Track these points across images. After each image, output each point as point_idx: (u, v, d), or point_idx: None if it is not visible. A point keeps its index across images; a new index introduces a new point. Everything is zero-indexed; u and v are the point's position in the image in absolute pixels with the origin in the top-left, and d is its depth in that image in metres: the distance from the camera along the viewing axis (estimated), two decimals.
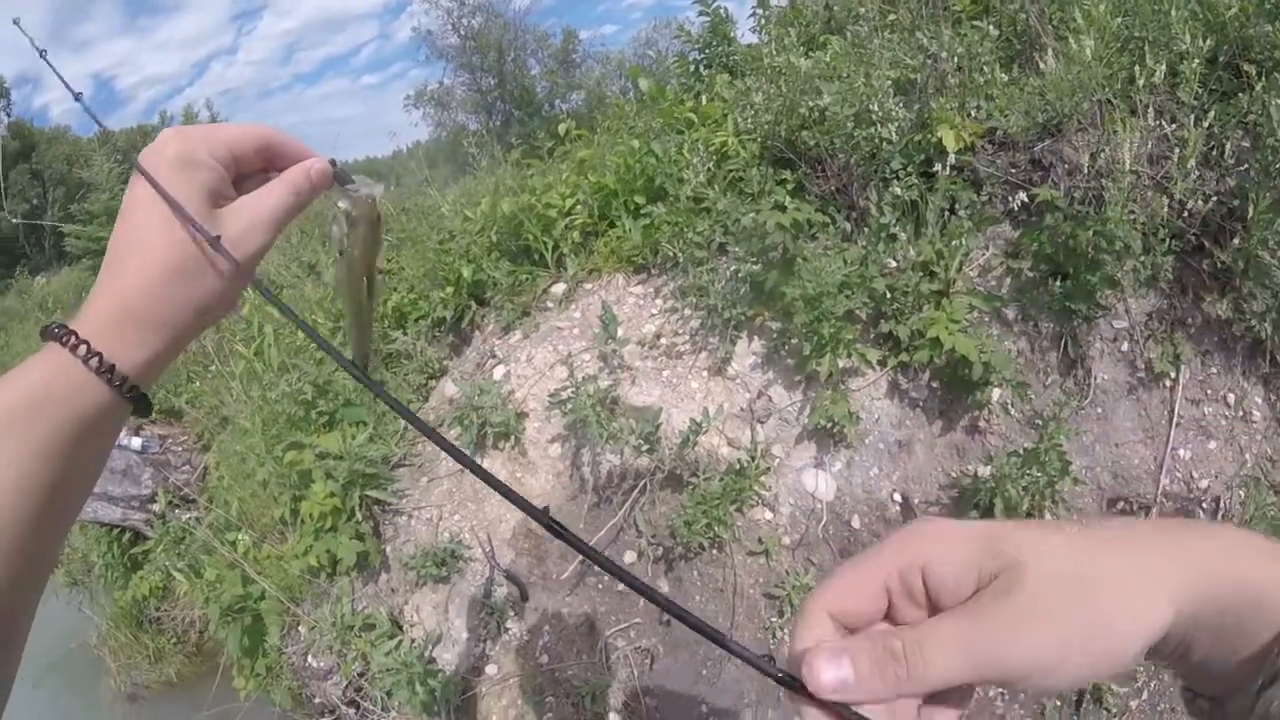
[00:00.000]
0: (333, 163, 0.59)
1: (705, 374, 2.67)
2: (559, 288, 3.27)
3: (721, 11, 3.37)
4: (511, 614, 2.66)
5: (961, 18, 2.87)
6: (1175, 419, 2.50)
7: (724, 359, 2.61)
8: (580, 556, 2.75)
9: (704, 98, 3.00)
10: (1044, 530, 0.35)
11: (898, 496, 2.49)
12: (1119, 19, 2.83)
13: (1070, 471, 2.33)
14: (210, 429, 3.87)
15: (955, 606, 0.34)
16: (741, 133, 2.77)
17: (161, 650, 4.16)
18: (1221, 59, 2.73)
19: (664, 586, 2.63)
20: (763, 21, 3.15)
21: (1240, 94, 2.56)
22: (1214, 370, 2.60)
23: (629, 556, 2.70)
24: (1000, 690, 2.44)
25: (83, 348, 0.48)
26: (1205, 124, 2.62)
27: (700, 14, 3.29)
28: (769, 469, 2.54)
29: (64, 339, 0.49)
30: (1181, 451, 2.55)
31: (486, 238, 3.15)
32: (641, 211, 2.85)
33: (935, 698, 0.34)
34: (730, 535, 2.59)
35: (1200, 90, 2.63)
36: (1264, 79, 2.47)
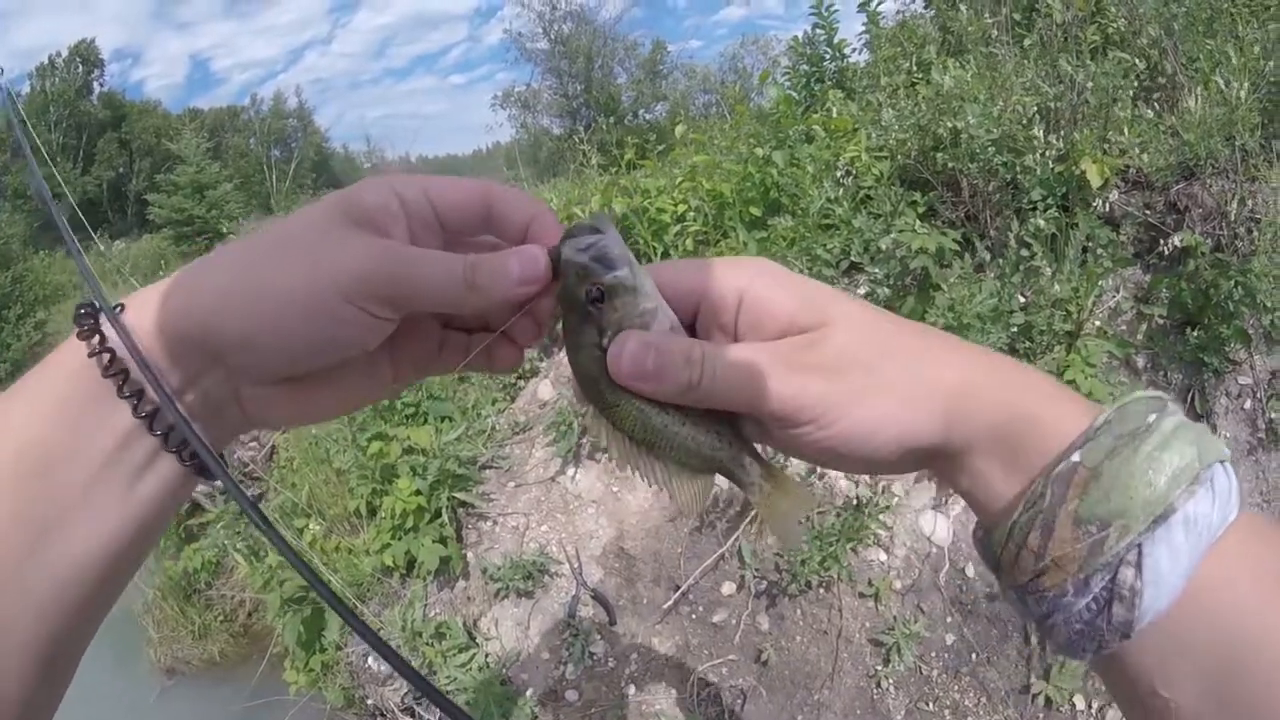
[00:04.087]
0: (554, 253, 0.37)
1: None
2: None
3: (835, 25, 3.35)
4: (597, 637, 2.57)
5: (1088, 49, 2.83)
6: None
7: None
8: (677, 586, 2.67)
9: (833, 110, 2.95)
10: (860, 308, 0.37)
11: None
12: (1269, 62, 2.79)
13: None
14: None
15: (758, 341, 0.37)
16: (872, 149, 2.73)
17: (207, 627, 4.05)
18: None
19: (764, 623, 2.51)
20: (874, 38, 3.13)
21: None
22: None
23: (727, 588, 2.59)
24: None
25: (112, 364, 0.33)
26: None
27: (815, 26, 3.27)
28: (888, 507, 2.43)
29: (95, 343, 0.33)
30: None
31: None
32: (768, 224, 2.80)
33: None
34: (843, 574, 2.50)
35: None
36: None
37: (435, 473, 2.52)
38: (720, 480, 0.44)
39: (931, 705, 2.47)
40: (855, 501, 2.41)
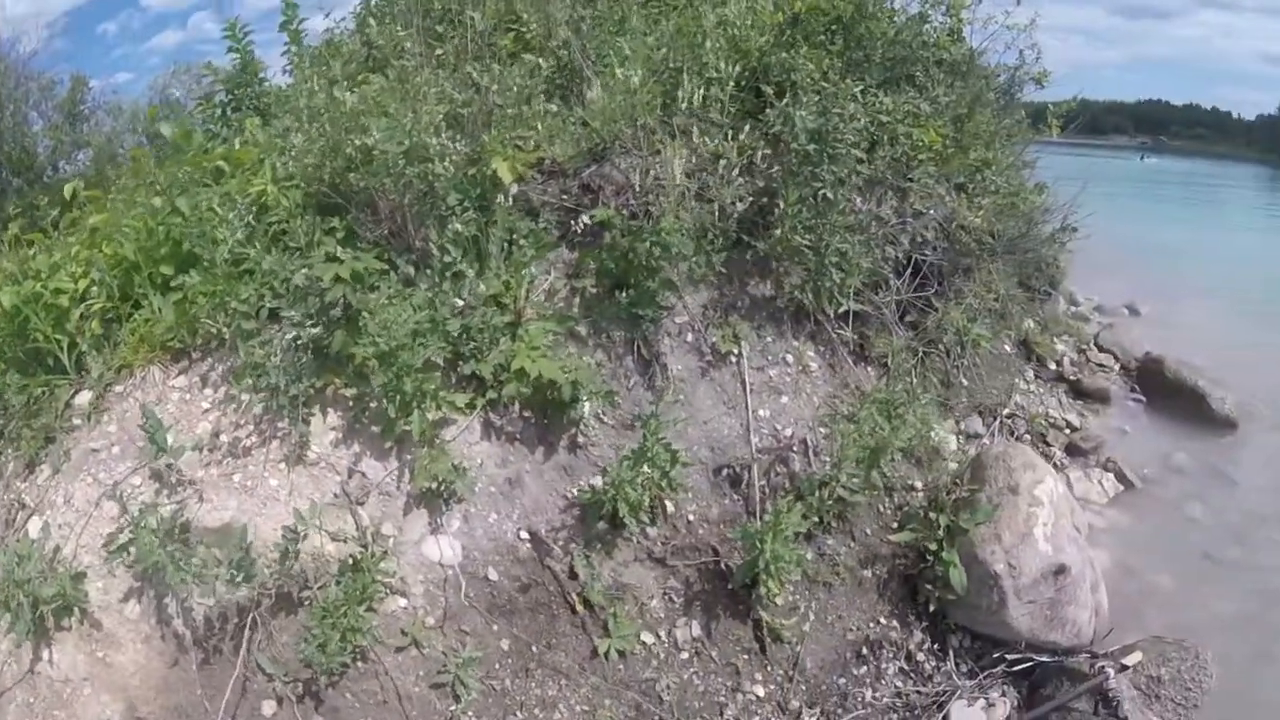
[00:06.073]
0: None
1: (283, 466, 2.19)
2: (84, 396, 2.50)
3: (249, 47, 2.99)
4: None
5: (505, 54, 3.00)
6: (748, 387, 2.78)
7: (300, 443, 2.17)
8: None
9: (236, 142, 2.60)
10: None
11: (524, 534, 2.35)
12: (661, 51, 3.26)
13: (679, 458, 2.40)
14: None
15: None
16: (281, 179, 2.44)
17: None
18: (743, 83, 3.30)
19: None
20: (296, 59, 2.88)
21: (764, 111, 2.92)
22: (769, 339, 2.99)
23: (268, 708, 2.10)
24: None
25: None
26: (740, 138, 3.04)
27: (230, 50, 2.87)
28: (386, 552, 2.19)
29: None
30: (761, 411, 2.81)
31: None
32: (171, 285, 2.34)
33: None
34: (371, 640, 2.27)
35: (732, 110, 2.94)
36: (787, 96, 2.84)
37: None
38: None
39: (519, 713, 2.40)
40: (352, 562, 2.17)
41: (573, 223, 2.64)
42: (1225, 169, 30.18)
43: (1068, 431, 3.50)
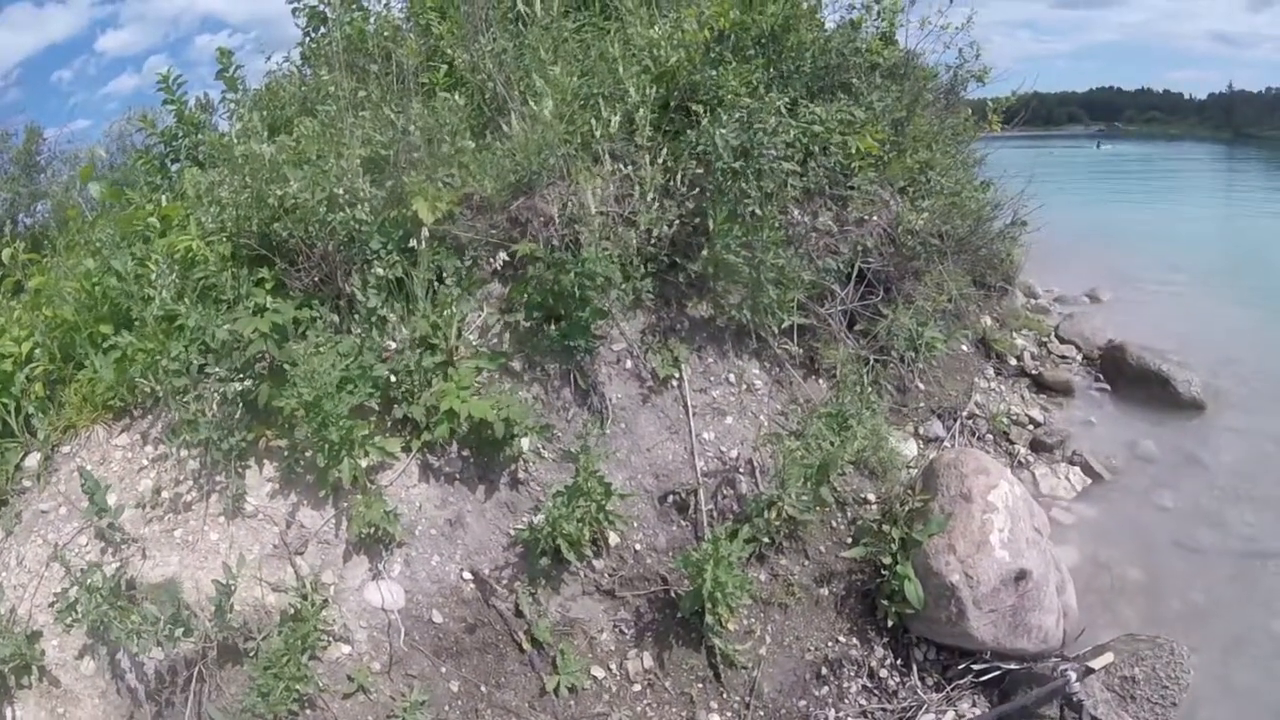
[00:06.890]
0: None
1: (223, 520, 2.18)
2: (33, 459, 2.53)
3: (200, 97, 3.01)
4: None
5: (435, 90, 2.98)
6: (691, 410, 2.72)
7: (237, 496, 2.17)
8: None
9: (163, 199, 2.61)
10: None
11: (467, 574, 2.32)
12: (577, 79, 3.24)
13: (613, 490, 2.36)
14: None
15: None
16: (209, 234, 2.44)
17: None
18: (673, 103, 3.27)
19: None
20: (234, 106, 2.90)
21: (689, 130, 2.88)
22: (711, 360, 2.98)
23: None
24: None
25: None
26: (660, 161, 3.01)
27: (165, 102, 2.89)
28: (327, 601, 2.16)
29: None
30: (706, 434, 2.76)
31: None
32: (107, 345, 2.35)
33: None
34: (315, 688, 2.26)
35: (654, 133, 2.87)
36: (708, 114, 2.83)
37: None
38: None
39: None
40: (292, 610, 2.16)
41: (491, 259, 2.61)
42: (1180, 149, 29.91)
43: (1031, 427, 3.43)
